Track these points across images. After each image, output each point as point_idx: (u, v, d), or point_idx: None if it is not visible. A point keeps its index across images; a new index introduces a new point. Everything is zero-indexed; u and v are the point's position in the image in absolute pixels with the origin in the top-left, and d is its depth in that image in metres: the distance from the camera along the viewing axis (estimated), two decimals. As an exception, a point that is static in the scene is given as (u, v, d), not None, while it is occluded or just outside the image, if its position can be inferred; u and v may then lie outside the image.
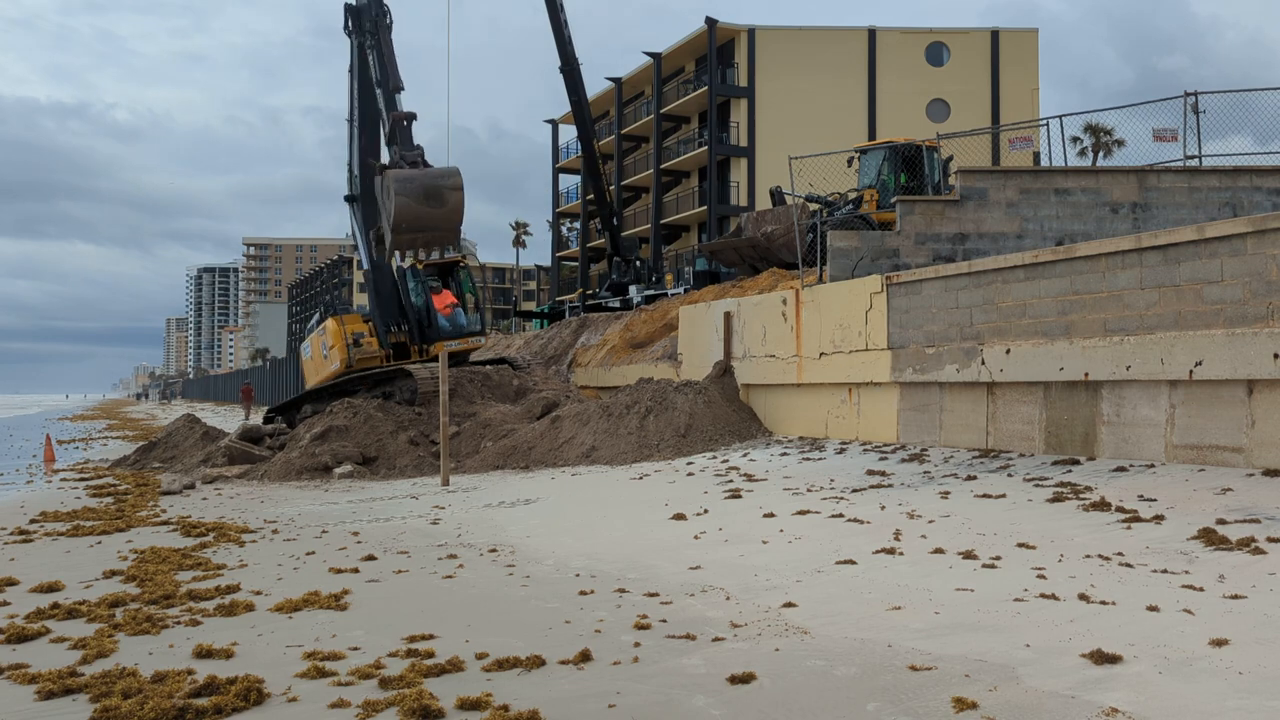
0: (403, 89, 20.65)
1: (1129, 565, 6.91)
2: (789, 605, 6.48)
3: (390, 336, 22.62)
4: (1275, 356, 9.08)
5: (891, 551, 7.93)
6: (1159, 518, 8.15)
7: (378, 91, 20.51)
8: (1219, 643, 5.11)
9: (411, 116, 19.88)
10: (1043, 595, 6.27)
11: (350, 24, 21.71)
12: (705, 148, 53.54)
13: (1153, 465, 10.15)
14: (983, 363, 12.62)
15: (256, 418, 32.12)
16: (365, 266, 22.64)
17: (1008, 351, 12.23)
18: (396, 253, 18.71)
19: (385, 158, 20.55)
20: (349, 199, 22.74)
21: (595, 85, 58.28)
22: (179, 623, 6.63)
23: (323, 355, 23.46)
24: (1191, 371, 9.87)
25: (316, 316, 24.91)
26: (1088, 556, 7.24)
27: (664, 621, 6.19)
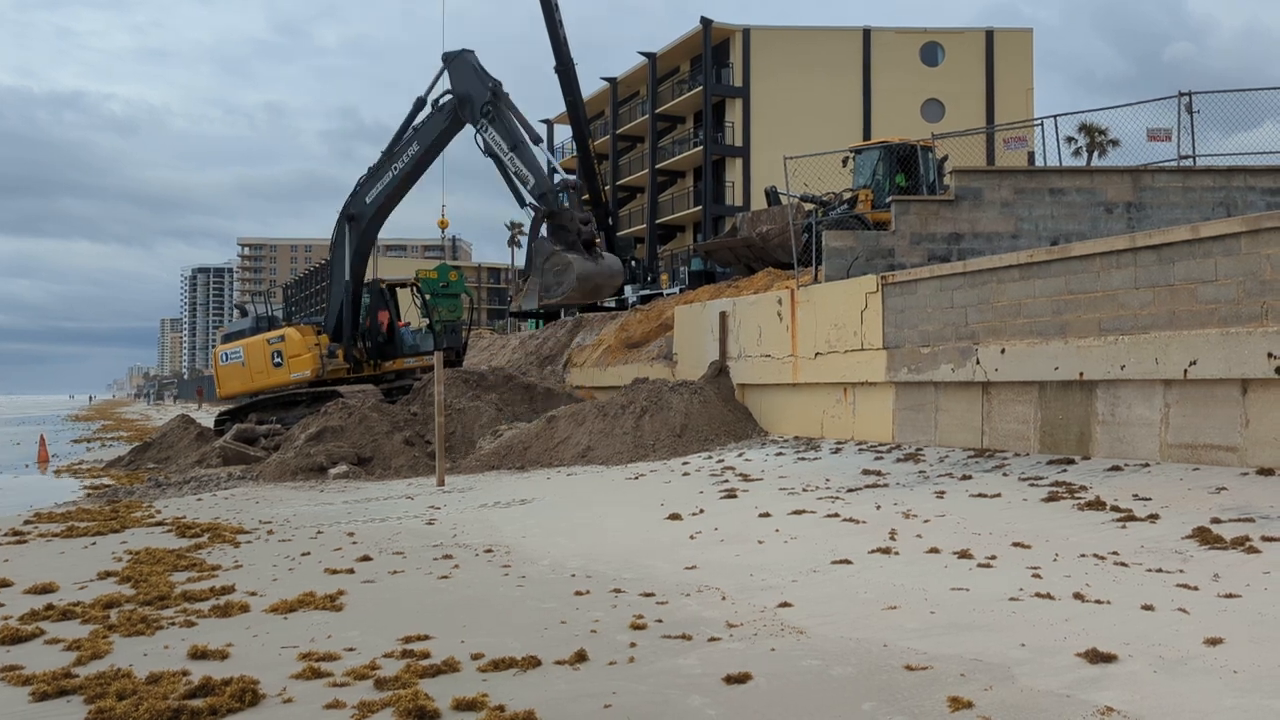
0: (541, 141, 20.63)
1: (1124, 564, 6.92)
2: (785, 605, 6.48)
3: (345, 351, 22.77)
4: (1269, 356, 9.10)
5: (887, 551, 7.94)
6: (1154, 517, 8.17)
7: (506, 158, 19.75)
8: (1214, 641, 5.11)
9: (578, 184, 20.63)
10: (1038, 594, 6.28)
11: (462, 111, 20.63)
12: (700, 148, 53.55)
13: (1147, 464, 10.16)
14: (978, 362, 12.63)
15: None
16: (347, 279, 22.49)
17: (1003, 351, 12.25)
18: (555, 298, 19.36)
19: (540, 225, 19.83)
20: (349, 217, 22.37)
21: (590, 85, 58.30)
22: (174, 624, 6.62)
23: (271, 363, 23.22)
24: (1186, 371, 9.89)
25: (249, 322, 24.79)
26: (1083, 556, 7.25)
27: (660, 621, 6.19)
